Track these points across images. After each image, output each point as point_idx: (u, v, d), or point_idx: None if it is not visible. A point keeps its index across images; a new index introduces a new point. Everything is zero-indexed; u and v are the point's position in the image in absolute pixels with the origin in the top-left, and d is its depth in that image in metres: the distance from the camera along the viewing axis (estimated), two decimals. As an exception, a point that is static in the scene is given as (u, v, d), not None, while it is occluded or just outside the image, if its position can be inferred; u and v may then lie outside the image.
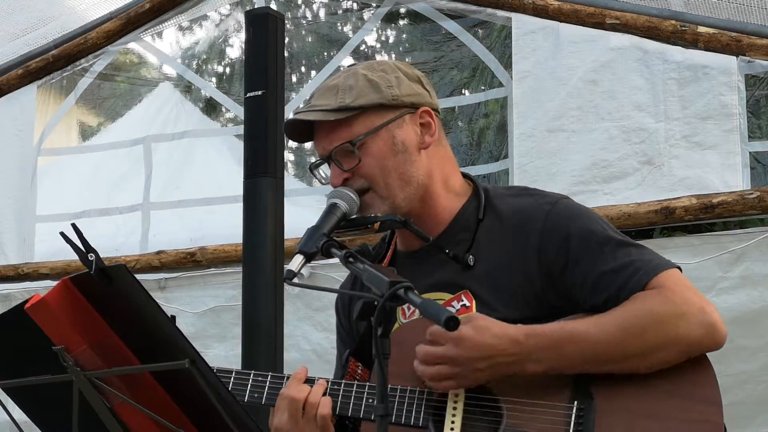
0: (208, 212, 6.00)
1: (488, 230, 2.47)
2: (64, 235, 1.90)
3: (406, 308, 2.51)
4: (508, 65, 5.58)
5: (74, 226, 1.89)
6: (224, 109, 6.84)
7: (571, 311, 2.37)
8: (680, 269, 2.38)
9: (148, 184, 6.14)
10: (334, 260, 2.28)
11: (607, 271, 2.34)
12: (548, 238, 2.39)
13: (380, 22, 6.25)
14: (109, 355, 1.92)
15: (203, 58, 6.95)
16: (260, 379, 2.47)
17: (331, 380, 2.43)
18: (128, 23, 6.25)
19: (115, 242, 5.96)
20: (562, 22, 5.31)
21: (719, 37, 4.96)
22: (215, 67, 7.17)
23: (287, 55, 6.21)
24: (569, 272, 2.36)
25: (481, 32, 5.95)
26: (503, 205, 2.50)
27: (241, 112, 5.51)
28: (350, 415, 2.40)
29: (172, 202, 6.11)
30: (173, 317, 1.93)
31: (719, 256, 4.71)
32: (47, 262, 5.91)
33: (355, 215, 2.41)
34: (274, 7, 6.18)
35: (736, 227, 4.95)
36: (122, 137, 6.50)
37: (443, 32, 5.98)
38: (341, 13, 6.73)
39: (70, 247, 1.87)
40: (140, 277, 5.22)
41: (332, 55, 6.24)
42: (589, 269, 2.35)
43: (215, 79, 7.11)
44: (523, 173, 5.17)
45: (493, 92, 5.84)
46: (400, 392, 2.36)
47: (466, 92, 6.46)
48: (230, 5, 6.55)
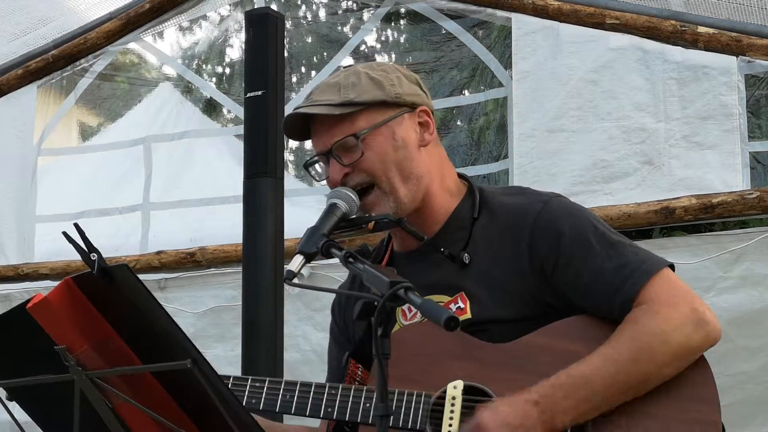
0: (208, 212, 6.00)
1: (483, 228, 2.47)
2: (66, 234, 1.90)
3: (407, 310, 2.51)
4: (508, 65, 5.58)
5: (77, 225, 1.89)
6: (224, 109, 6.84)
7: (565, 310, 2.37)
8: (672, 266, 2.37)
9: (148, 184, 6.14)
10: (334, 260, 2.28)
11: (600, 272, 2.34)
12: (540, 235, 2.39)
13: (380, 22, 6.25)
14: (110, 354, 1.92)
15: (203, 58, 6.96)
16: (257, 385, 2.47)
17: (328, 385, 2.44)
18: (128, 23, 6.25)
19: (115, 242, 5.96)
20: (562, 22, 5.31)
21: (719, 37, 4.96)
22: (215, 67, 7.18)
23: (287, 55, 6.21)
24: (561, 270, 2.37)
25: (481, 32, 5.95)
26: (498, 203, 2.50)
27: (241, 112, 5.51)
28: (348, 419, 2.41)
29: (172, 202, 6.12)
30: None
31: (719, 256, 4.71)
32: (47, 262, 5.91)
33: (355, 215, 2.41)
34: (274, 7, 6.18)
35: (735, 227, 4.95)
36: (122, 137, 6.51)
37: (443, 32, 5.98)
38: (341, 13, 6.74)
39: (72, 246, 1.87)
40: (140, 277, 5.22)
41: (332, 55, 6.24)
42: (581, 269, 2.35)
43: (215, 79, 7.11)
44: (523, 173, 5.17)
45: (493, 92, 5.85)
46: (398, 395, 2.36)
47: (466, 92, 6.46)
48: (230, 5, 6.55)
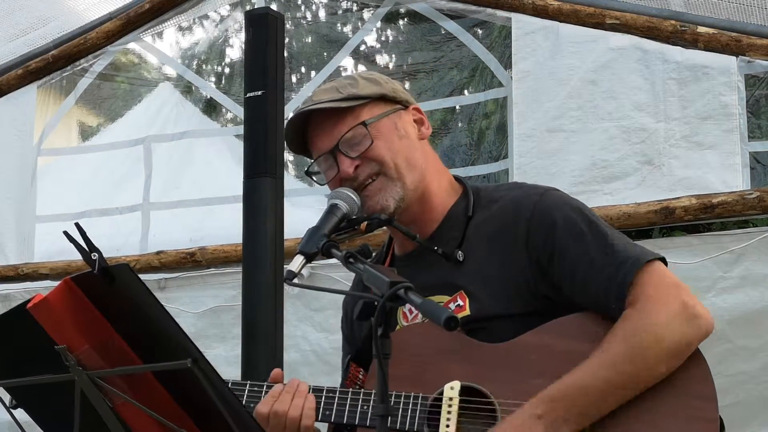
0: (208, 212, 6.00)
1: (478, 226, 2.49)
2: (67, 234, 1.91)
3: (407, 312, 2.51)
4: (508, 65, 5.58)
5: (78, 225, 1.89)
6: (224, 109, 6.84)
7: (562, 303, 2.38)
8: (664, 260, 2.38)
9: (148, 184, 6.14)
10: (334, 260, 2.28)
11: (592, 263, 2.35)
12: (535, 227, 2.41)
13: (380, 22, 6.25)
14: (111, 354, 1.92)
15: (203, 58, 6.95)
16: (256, 389, 2.48)
17: (326, 388, 2.44)
18: (128, 23, 6.25)
19: (115, 242, 5.96)
20: (562, 22, 5.31)
21: (719, 37, 4.96)
22: (215, 67, 7.17)
23: (287, 55, 6.21)
24: (557, 261, 2.38)
25: (480, 32, 5.95)
26: (492, 200, 2.53)
27: (241, 112, 5.51)
28: (345, 422, 2.41)
29: (172, 202, 6.12)
30: None
31: (719, 256, 4.70)
32: (47, 262, 5.91)
33: (356, 216, 2.42)
34: (274, 7, 6.18)
35: (735, 227, 4.95)
36: (122, 137, 6.51)
37: (443, 32, 5.98)
38: (341, 13, 6.73)
39: (72, 246, 1.87)
40: (140, 277, 5.22)
41: (332, 55, 6.24)
42: (575, 260, 2.37)
43: (215, 79, 7.11)
44: (522, 173, 5.17)
45: (493, 92, 5.84)
46: (395, 396, 2.36)
47: (465, 92, 6.46)
48: (230, 5, 6.55)
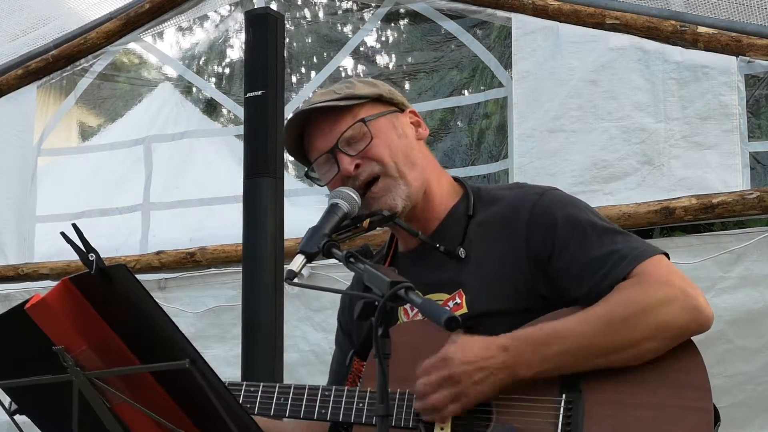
0: (208, 212, 6.00)
1: (479, 225, 2.50)
2: (64, 235, 1.91)
3: (408, 309, 2.52)
4: (508, 65, 5.58)
5: (75, 226, 1.89)
6: (224, 109, 6.84)
7: (560, 301, 2.37)
8: (667, 255, 2.38)
9: (148, 184, 6.14)
10: (334, 260, 2.28)
11: (592, 259, 2.35)
12: (535, 226, 2.41)
13: (380, 22, 6.25)
14: (109, 355, 1.92)
15: (203, 58, 6.95)
16: (252, 390, 2.48)
17: (322, 387, 2.44)
18: (128, 23, 6.25)
19: (115, 242, 5.97)
20: (562, 22, 5.31)
21: (719, 37, 4.96)
22: (215, 67, 7.17)
23: (287, 55, 6.21)
24: (556, 260, 2.38)
25: (480, 32, 5.95)
26: (493, 199, 2.53)
27: (241, 112, 5.51)
28: (341, 420, 2.41)
29: (172, 202, 6.12)
30: None
31: (719, 256, 4.70)
32: (47, 262, 5.91)
33: (356, 215, 2.42)
34: (274, 7, 6.19)
35: (735, 227, 4.95)
36: (122, 137, 6.51)
37: (443, 32, 5.98)
38: (341, 13, 6.73)
39: (70, 247, 1.87)
40: (140, 277, 5.22)
41: (332, 55, 6.24)
42: (575, 257, 2.36)
43: (215, 79, 7.10)
44: (523, 173, 5.17)
45: (493, 92, 5.85)
46: (390, 394, 2.35)
47: (465, 92, 6.45)
48: (230, 5, 6.55)
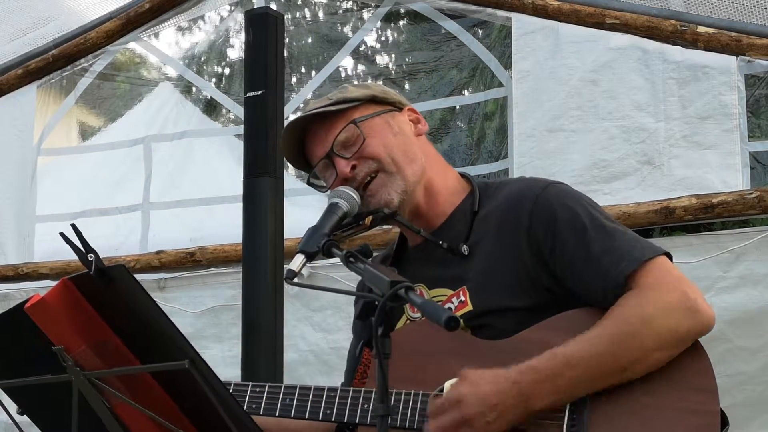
0: (208, 212, 6.00)
1: (484, 220, 2.49)
2: (63, 235, 1.91)
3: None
4: (507, 65, 5.58)
5: (74, 226, 1.89)
6: (224, 109, 6.84)
7: (565, 294, 2.37)
8: (669, 255, 2.37)
9: (148, 184, 6.14)
10: (334, 260, 2.28)
11: (593, 257, 2.34)
12: (537, 219, 2.41)
13: (380, 22, 6.25)
14: (108, 355, 1.92)
15: (203, 58, 6.95)
16: (258, 390, 2.49)
17: (327, 387, 2.44)
18: (128, 23, 6.25)
19: (114, 242, 5.97)
20: (562, 22, 5.31)
21: (719, 37, 4.96)
22: (215, 67, 7.17)
23: (287, 55, 6.21)
24: (558, 255, 2.38)
25: (480, 32, 5.95)
26: (498, 194, 2.53)
27: (241, 112, 5.51)
28: (346, 420, 2.42)
29: (172, 202, 6.12)
30: None
31: (719, 255, 4.70)
32: (47, 262, 5.91)
33: (357, 213, 2.42)
34: (274, 7, 6.18)
35: (735, 227, 4.95)
36: (122, 137, 6.51)
37: (443, 32, 5.98)
38: (341, 13, 6.73)
39: (69, 247, 1.87)
40: (140, 277, 5.23)
41: (332, 55, 6.24)
42: (575, 254, 2.36)
43: (215, 79, 7.10)
44: (523, 173, 5.17)
45: (493, 92, 5.84)
46: (395, 395, 2.36)
47: (465, 92, 6.45)
48: (230, 5, 6.55)
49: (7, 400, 2.07)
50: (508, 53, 5.60)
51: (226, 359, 5.21)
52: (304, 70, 6.99)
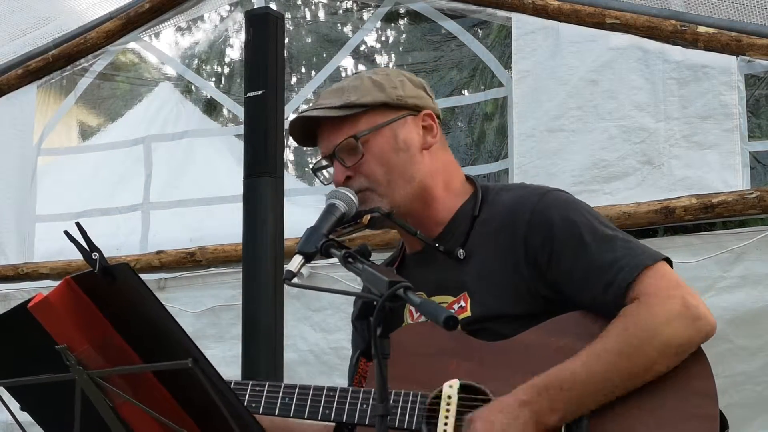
0: (208, 212, 6.00)
1: (483, 226, 2.48)
2: (68, 233, 1.91)
3: (414, 309, 2.51)
4: (507, 65, 5.58)
5: (78, 225, 1.89)
6: (224, 109, 6.84)
7: (562, 304, 2.36)
8: (668, 260, 2.37)
9: (148, 184, 6.14)
10: (333, 260, 2.28)
11: (592, 266, 2.33)
12: (534, 228, 2.39)
13: (380, 22, 6.26)
14: (111, 354, 1.92)
15: (203, 58, 6.96)
16: (257, 389, 2.49)
17: (326, 387, 2.44)
18: (128, 23, 6.25)
19: (115, 242, 5.96)
20: (562, 22, 5.31)
21: (719, 37, 4.97)
22: (215, 67, 7.17)
23: (287, 55, 6.21)
24: (555, 264, 2.36)
25: (481, 32, 5.95)
26: (498, 200, 2.51)
27: (241, 111, 5.51)
28: (345, 421, 2.41)
29: (172, 202, 6.12)
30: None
31: (719, 255, 4.70)
32: (47, 262, 5.91)
33: (355, 212, 2.42)
34: (274, 7, 6.18)
35: (735, 227, 4.95)
36: (122, 137, 6.51)
37: (443, 32, 5.98)
38: (341, 13, 6.73)
39: (72, 246, 1.87)
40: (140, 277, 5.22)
41: (332, 55, 6.24)
42: (573, 263, 2.35)
43: (215, 79, 7.10)
44: (523, 173, 5.17)
45: (492, 92, 5.85)
46: (394, 395, 2.36)
47: (465, 92, 6.46)
48: (230, 5, 6.56)
49: (9, 398, 2.07)
50: (508, 53, 5.60)
51: (226, 359, 5.21)
52: (304, 70, 7.00)
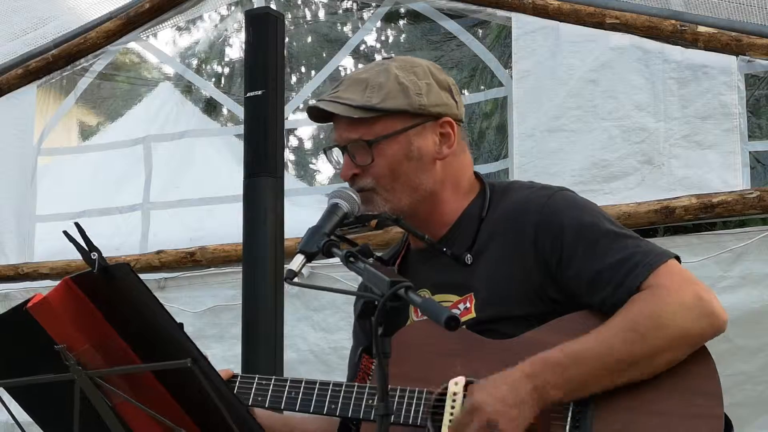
0: (208, 212, 6.00)
1: (490, 227, 2.47)
2: (67, 233, 1.91)
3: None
4: (507, 65, 5.58)
5: (77, 225, 1.89)
6: (224, 108, 6.84)
7: (571, 306, 2.36)
8: (678, 258, 2.36)
9: (148, 183, 6.14)
10: (334, 260, 2.28)
11: (602, 267, 2.32)
12: (543, 230, 2.38)
13: (380, 21, 6.26)
14: (110, 354, 1.92)
15: (203, 57, 6.96)
16: (264, 383, 2.49)
17: (332, 382, 2.44)
18: (128, 23, 6.24)
19: (115, 242, 5.96)
20: (562, 21, 5.30)
21: (719, 36, 4.96)
22: (215, 67, 7.18)
23: (287, 55, 6.21)
24: (565, 266, 2.35)
25: (481, 32, 5.96)
26: (505, 200, 2.50)
27: (241, 111, 5.51)
28: (350, 416, 2.41)
29: (172, 201, 6.11)
30: (181, 324, 1.93)
31: (719, 255, 4.70)
32: (47, 262, 5.91)
33: (358, 214, 2.41)
34: (274, 7, 6.18)
35: (735, 227, 4.95)
36: (122, 137, 6.51)
37: (443, 32, 5.98)
38: (341, 12, 6.74)
39: (72, 245, 1.87)
40: (140, 277, 5.22)
41: (332, 54, 6.24)
42: (584, 264, 2.34)
43: (215, 79, 7.11)
44: (523, 173, 5.17)
45: (492, 92, 5.85)
46: (399, 392, 2.36)
47: (465, 92, 6.47)
48: (230, 5, 6.56)
49: (8, 399, 2.07)
50: (508, 53, 5.60)
51: (226, 359, 5.20)
52: (304, 69, 7.01)
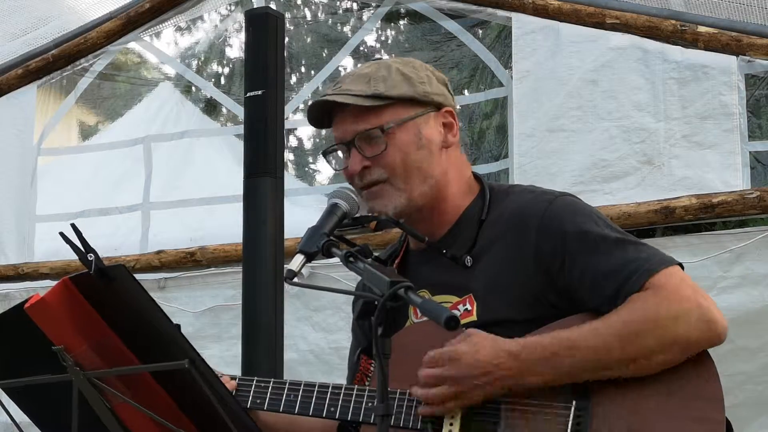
0: (208, 212, 6.00)
1: (490, 229, 2.46)
2: (63, 235, 1.91)
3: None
4: (508, 65, 5.58)
5: (73, 226, 1.89)
6: (224, 108, 6.84)
7: (571, 311, 2.35)
8: (681, 265, 2.35)
9: (148, 183, 6.14)
10: (334, 260, 2.28)
11: (604, 272, 2.31)
12: (545, 235, 2.37)
13: (380, 21, 6.26)
14: (108, 355, 1.92)
15: (203, 57, 6.96)
16: (262, 385, 2.48)
17: (332, 385, 2.44)
18: (128, 23, 6.25)
19: (115, 242, 5.96)
20: (562, 21, 5.31)
21: (719, 36, 4.96)
22: (215, 66, 7.17)
23: (287, 55, 6.21)
24: (566, 272, 2.35)
25: (481, 32, 5.96)
26: (505, 203, 2.49)
27: (241, 111, 5.51)
28: (350, 419, 2.41)
29: (172, 201, 6.12)
30: (178, 325, 1.93)
31: (719, 255, 4.70)
32: (47, 261, 5.91)
33: (358, 215, 2.41)
34: (274, 7, 6.18)
35: (735, 227, 4.95)
36: (122, 137, 6.51)
37: (443, 32, 5.98)
38: (341, 13, 6.74)
39: (69, 247, 1.87)
40: (140, 276, 5.22)
41: (332, 55, 6.25)
42: (585, 270, 2.33)
43: (215, 79, 7.11)
44: (523, 173, 5.17)
45: (493, 92, 5.85)
46: (399, 395, 2.35)
47: (466, 92, 6.46)
48: (230, 5, 6.56)
49: (7, 400, 2.07)
50: (508, 53, 5.60)
51: (226, 359, 5.20)
52: (304, 70, 7.01)
